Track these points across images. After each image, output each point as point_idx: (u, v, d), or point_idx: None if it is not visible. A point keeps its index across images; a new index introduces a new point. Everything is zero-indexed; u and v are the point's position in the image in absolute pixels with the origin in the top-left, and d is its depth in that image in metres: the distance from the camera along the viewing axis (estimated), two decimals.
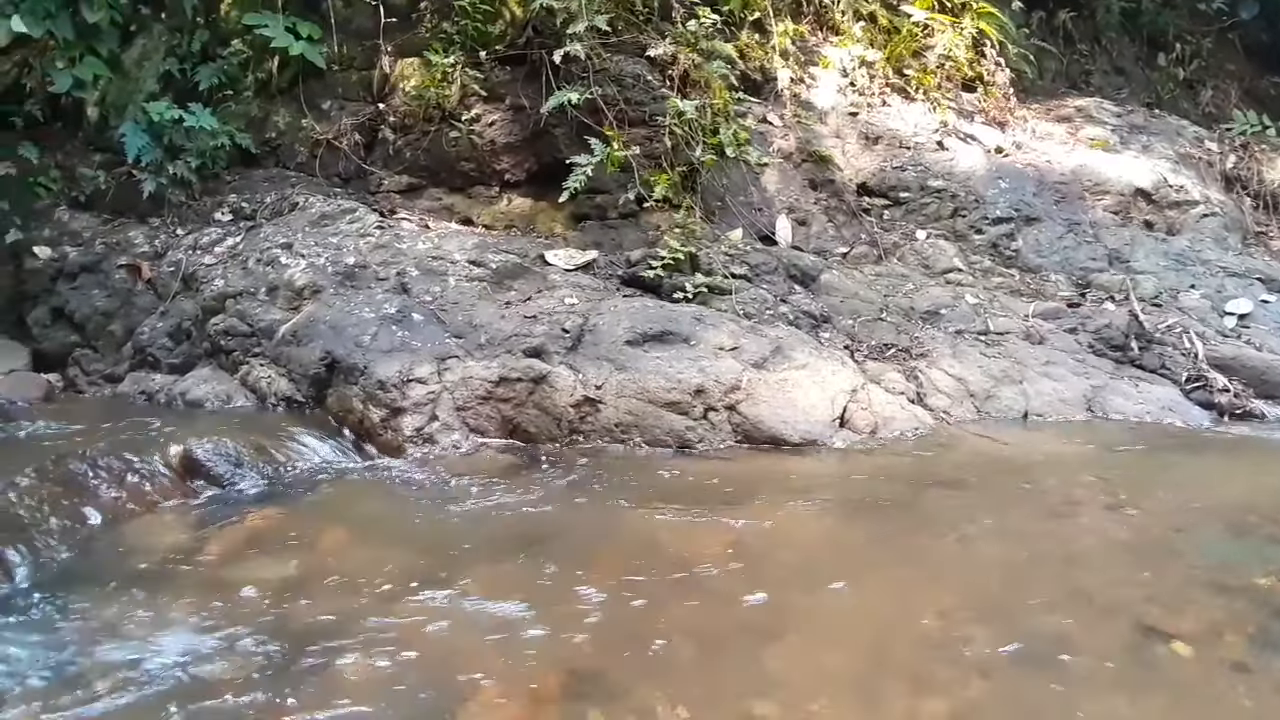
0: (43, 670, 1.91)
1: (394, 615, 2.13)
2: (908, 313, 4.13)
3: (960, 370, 3.83)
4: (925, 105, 5.35)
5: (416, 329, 3.39)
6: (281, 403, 3.43)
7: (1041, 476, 3.23)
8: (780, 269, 4.07)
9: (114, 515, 2.70)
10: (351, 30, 4.81)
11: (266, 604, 2.19)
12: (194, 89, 4.64)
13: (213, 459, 2.89)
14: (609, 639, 2.04)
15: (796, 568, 2.50)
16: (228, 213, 4.31)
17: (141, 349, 3.86)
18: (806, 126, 4.96)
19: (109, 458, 2.88)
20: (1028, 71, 6.25)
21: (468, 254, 3.81)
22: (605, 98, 4.38)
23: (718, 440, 3.22)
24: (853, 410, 3.38)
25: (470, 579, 2.32)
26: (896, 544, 2.64)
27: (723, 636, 2.09)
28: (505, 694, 1.83)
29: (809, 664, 2.00)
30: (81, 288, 4.16)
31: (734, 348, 3.38)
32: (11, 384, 4.03)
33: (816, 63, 5.30)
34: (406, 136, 4.56)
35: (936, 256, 4.65)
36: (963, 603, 2.28)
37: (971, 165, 5.16)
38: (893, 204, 4.90)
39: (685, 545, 2.57)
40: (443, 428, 3.17)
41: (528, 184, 4.57)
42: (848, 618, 2.20)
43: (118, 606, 2.20)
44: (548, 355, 3.30)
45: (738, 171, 4.57)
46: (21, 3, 4.26)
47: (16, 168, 4.57)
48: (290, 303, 3.63)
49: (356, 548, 2.55)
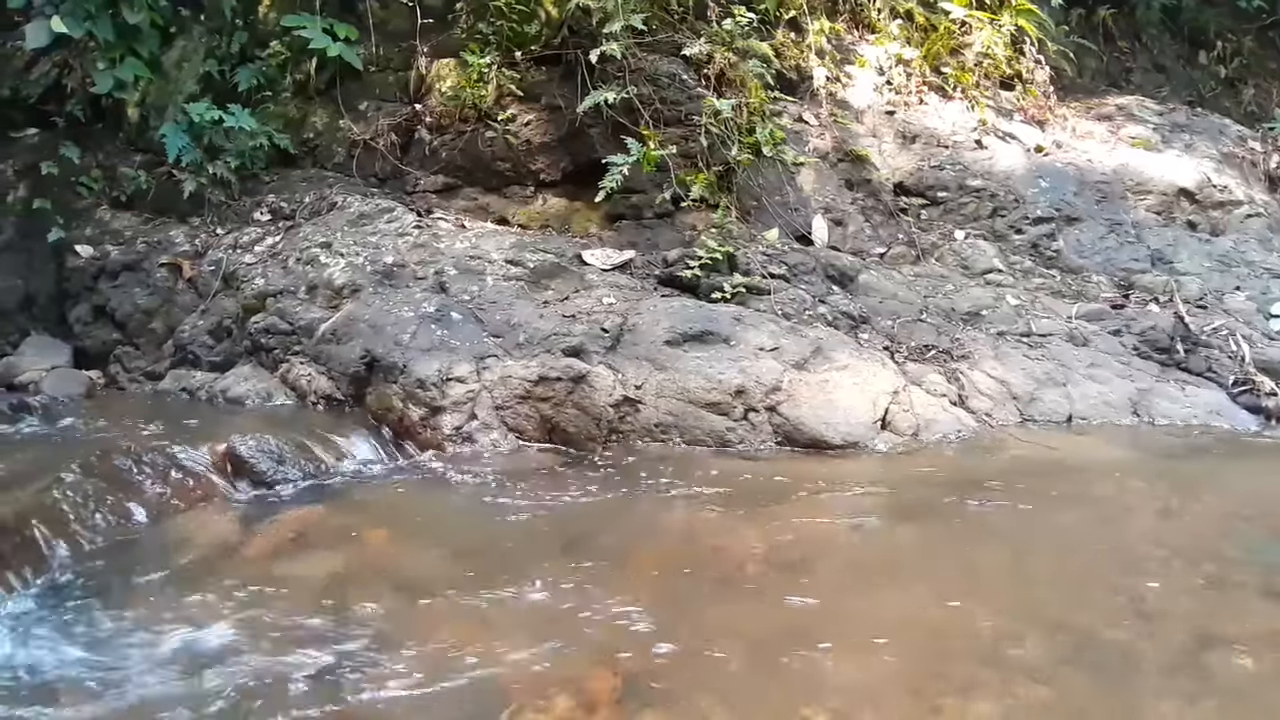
0: (87, 664, 1.91)
1: (440, 614, 2.12)
2: (948, 314, 4.07)
3: (1003, 372, 3.77)
4: (963, 103, 5.28)
5: (455, 328, 3.39)
6: (321, 401, 3.44)
7: (1089, 481, 3.18)
8: (818, 269, 4.03)
9: (158, 511, 2.71)
10: (388, 31, 4.84)
11: (312, 601, 2.18)
12: (233, 90, 4.69)
13: (256, 456, 2.90)
14: (657, 641, 2.01)
15: (843, 571, 2.46)
16: (266, 212, 4.35)
17: (182, 346, 3.90)
18: (843, 125, 4.91)
19: (153, 454, 2.89)
20: (1067, 69, 6.16)
21: (505, 253, 3.81)
22: (641, 97, 4.37)
23: (758, 441, 3.19)
24: (894, 412, 3.33)
25: (514, 578, 2.30)
26: (944, 549, 2.59)
27: (771, 640, 2.05)
28: (556, 696, 1.81)
29: (860, 669, 1.96)
30: (123, 286, 4.21)
31: (774, 348, 3.34)
32: (54, 380, 4.09)
33: (853, 61, 5.25)
34: (442, 137, 4.57)
35: (976, 257, 4.58)
36: (1015, 609, 2.23)
37: (1011, 164, 5.08)
38: (930, 204, 4.84)
39: (729, 546, 2.54)
40: (482, 427, 3.16)
41: (563, 184, 4.56)
42: (898, 623, 2.16)
43: (162, 602, 2.20)
44: (587, 355, 3.28)
45: (773, 171, 4.53)
46: (61, 3, 4.32)
47: (58, 167, 4.63)
48: (329, 301, 3.65)
49: (400, 546, 2.55)
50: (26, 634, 2.02)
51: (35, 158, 4.76)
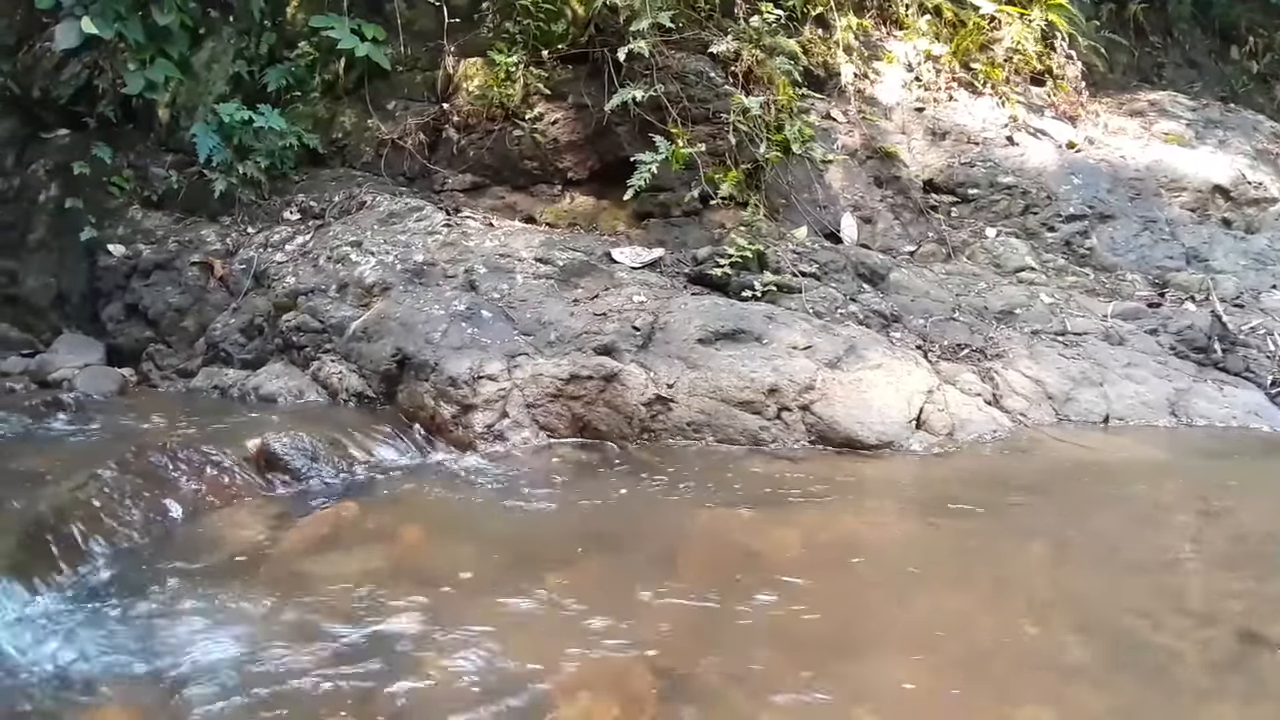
0: (125, 659, 1.92)
1: (476, 613, 2.10)
2: (981, 312, 4.02)
3: (1038, 372, 3.72)
4: (993, 99, 5.22)
5: (486, 326, 3.39)
6: (353, 399, 3.45)
7: (1128, 482, 3.13)
8: (849, 267, 3.99)
9: (194, 507, 2.72)
10: (415, 31, 4.85)
11: (348, 598, 2.18)
12: (262, 90, 4.71)
13: (290, 453, 2.90)
14: (695, 641, 2.00)
15: (881, 571, 2.43)
16: (296, 212, 4.37)
17: (214, 344, 3.92)
18: (871, 122, 4.87)
19: (188, 450, 2.90)
20: (1099, 64, 6.07)
21: (534, 251, 3.80)
22: (668, 95, 4.35)
23: (791, 440, 3.16)
24: (929, 412, 3.29)
25: (549, 576, 2.29)
26: (984, 549, 2.56)
27: (812, 641, 2.03)
28: (597, 696, 1.80)
29: (903, 671, 1.93)
30: (155, 284, 4.24)
31: (807, 347, 3.31)
32: (87, 378, 4.12)
33: (881, 57, 5.21)
34: (470, 136, 4.58)
35: (1008, 255, 4.52)
36: (1058, 610, 2.20)
37: (1043, 161, 5.02)
38: (961, 201, 4.79)
39: (764, 546, 2.52)
40: (513, 425, 3.15)
41: (590, 182, 4.55)
42: (939, 624, 2.13)
43: (199, 598, 2.20)
44: (618, 353, 3.26)
45: (802, 169, 4.49)
46: (91, 4, 4.35)
47: (90, 167, 4.67)
48: (360, 300, 3.66)
49: (435, 543, 2.54)
50: (65, 629, 2.03)
51: (67, 158, 4.80)
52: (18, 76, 5.01)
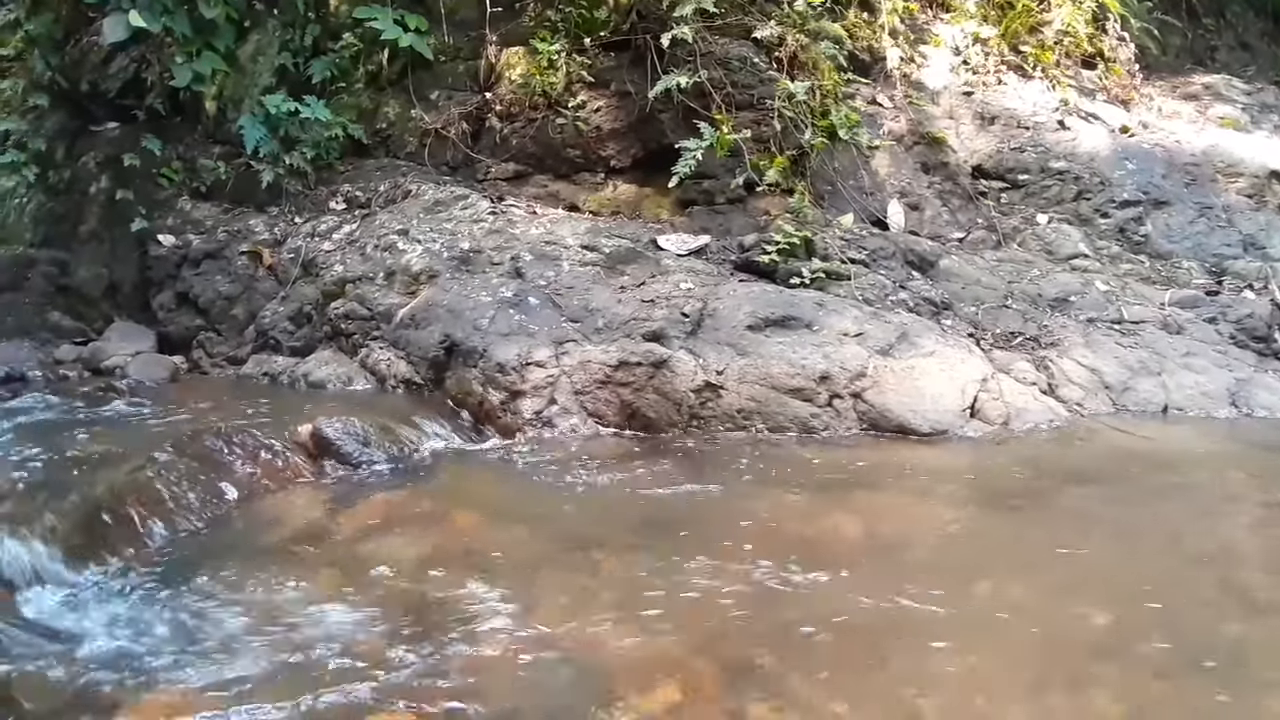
0: (185, 640, 1.93)
1: (533, 597, 2.09)
2: (1034, 300, 3.93)
3: (1094, 361, 3.63)
4: (1044, 83, 5.10)
5: (533, 313, 3.38)
6: (401, 385, 3.47)
7: (1190, 473, 3.05)
8: (897, 254, 3.93)
9: (249, 490, 2.75)
10: (457, 21, 4.85)
11: (403, 582, 2.18)
12: (307, 82, 4.75)
13: (342, 438, 2.92)
14: (756, 629, 1.97)
15: (940, 561, 2.38)
16: (341, 201, 4.40)
17: (264, 332, 3.97)
18: (918, 107, 4.78)
19: (242, 435, 2.93)
20: (1151, 47, 5.90)
21: (580, 239, 3.79)
22: (712, 81, 4.30)
23: (842, 428, 3.12)
24: (983, 400, 3.22)
25: (604, 562, 2.28)
26: (1044, 539, 2.50)
27: (872, 628, 1.99)
28: (659, 683, 1.77)
29: (967, 661, 1.89)
30: (205, 273, 4.30)
31: (858, 334, 3.26)
32: (140, 365, 4.19)
33: (927, 41, 5.11)
34: (513, 124, 4.57)
35: (1060, 242, 4.42)
36: (1123, 601, 2.14)
37: (1095, 146, 4.89)
38: (1011, 187, 4.68)
39: (820, 534, 2.48)
40: (561, 411, 3.14)
41: (633, 170, 4.53)
42: (1002, 614, 2.08)
43: (256, 580, 2.22)
44: (667, 340, 3.24)
45: (847, 155, 4.43)
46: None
47: (140, 159, 4.75)
48: (407, 287, 3.68)
49: (487, 529, 2.54)
50: (123, 609, 2.06)
51: (117, 150, 4.89)
52: (66, 71, 5.10)
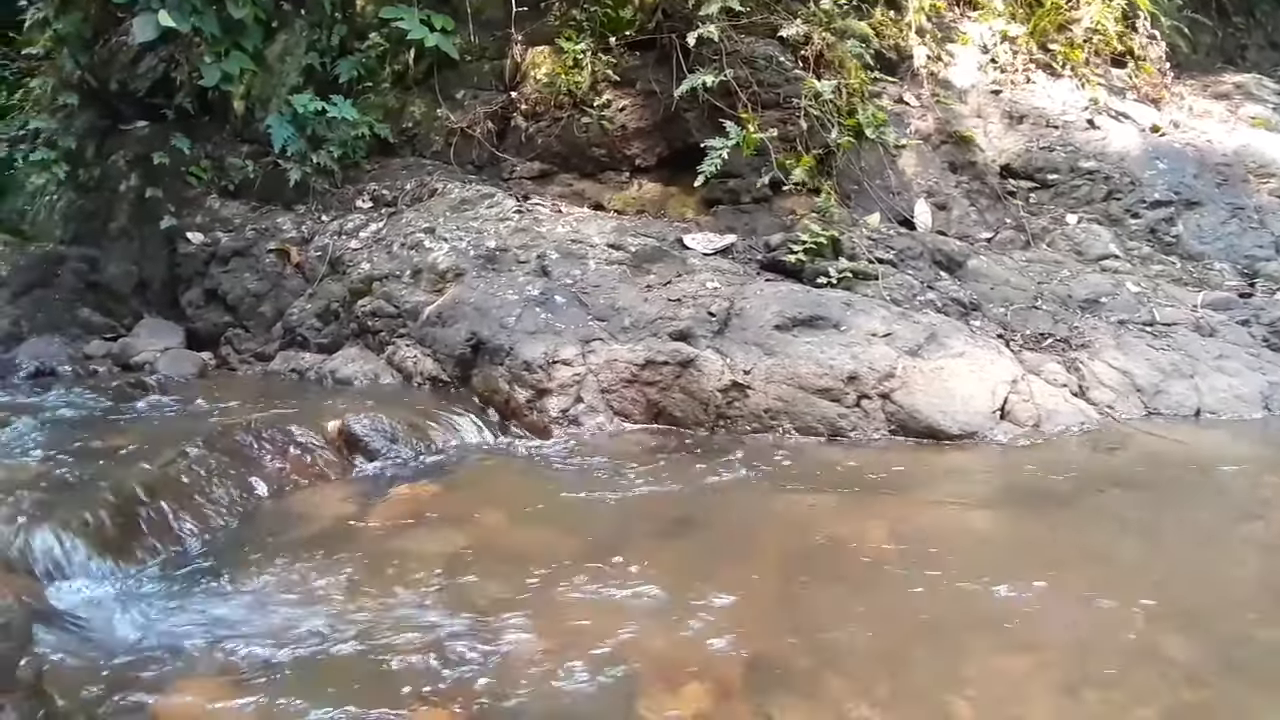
0: (216, 633, 1.93)
1: (561, 594, 2.08)
2: (1064, 301, 3.88)
3: (1125, 363, 3.57)
4: (1073, 82, 5.04)
5: (559, 311, 3.38)
6: (427, 382, 3.48)
7: (1225, 477, 3.00)
8: (925, 254, 3.89)
9: (279, 485, 2.76)
10: (483, 21, 4.87)
11: (434, 577, 2.18)
12: (334, 81, 4.79)
13: (370, 434, 2.93)
14: (783, 629, 1.95)
15: (971, 562, 2.35)
16: (368, 200, 4.43)
17: (291, 329, 3.99)
18: (945, 106, 4.74)
19: (271, 430, 2.94)
20: (1181, 45, 5.82)
21: (606, 237, 3.79)
22: (738, 80, 4.29)
23: (871, 429, 3.09)
24: (1014, 402, 3.18)
25: (631, 561, 2.26)
26: (1078, 542, 2.46)
27: (903, 630, 1.97)
28: (687, 682, 1.76)
29: (999, 664, 1.86)
30: (233, 271, 4.34)
31: (886, 334, 3.23)
32: (168, 361, 4.24)
33: (954, 39, 5.06)
34: (538, 124, 4.58)
35: (1090, 242, 4.36)
36: (1159, 606, 2.10)
37: (1125, 145, 4.83)
38: (1040, 186, 4.63)
39: (848, 535, 2.46)
40: (587, 410, 3.14)
41: (658, 169, 4.52)
42: (1034, 617, 2.05)
43: (286, 575, 2.22)
44: (694, 339, 3.23)
45: (874, 154, 4.40)
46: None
47: (169, 158, 4.80)
48: (434, 285, 3.69)
49: (515, 525, 2.54)
50: (155, 603, 2.07)
51: (146, 149, 4.94)
52: (95, 69, 5.16)
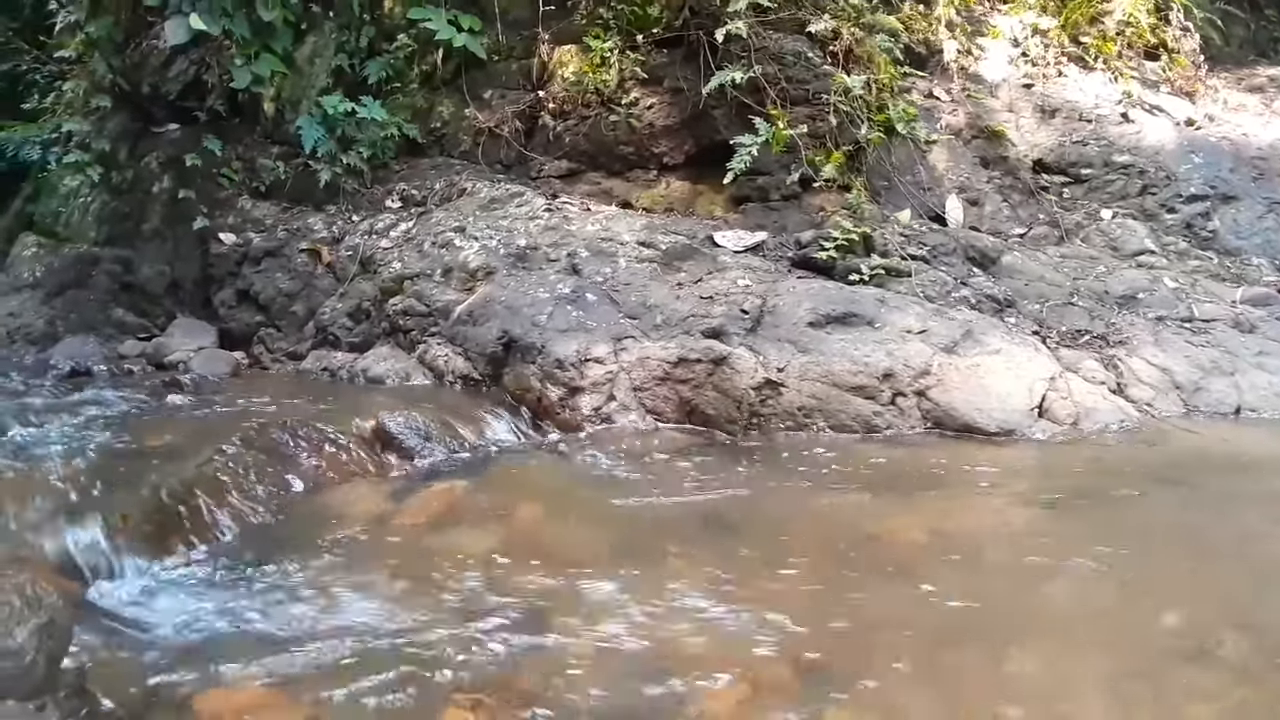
0: (254, 628, 1.95)
1: (602, 594, 2.07)
2: (1101, 297, 3.82)
3: (1164, 360, 3.52)
4: (1105, 75, 4.97)
5: (591, 309, 3.38)
6: (458, 380, 3.49)
7: (1265, 476, 2.94)
8: (958, 250, 3.85)
9: (314, 483, 2.78)
10: (510, 21, 4.87)
11: (472, 575, 2.18)
12: (363, 83, 4.81)
13: (404, 432, 2.95)
14: (829, 630, 1.93)
15: (1013, 561, 2.32)
16: (397, 200, 4.45)
17: (323, 328, 4.02)
18: (976, 100, 4.69)
19: (306, 428, 2.96)
20: (1215, 38, 5.72)
21: (636, 235, 3.79)
22: (766, 76, 4.27)
23: (906, 427, 3.06)
24: (1052, 399, 3.14)
25: (670, 559, 2.26)
26: (1120, 542, 2.42)
27: (948, 631, 1.94)
28: (735, 683, 1.74)
29: (1049, 665, 1.84)
30: (265, 271, 4.38)
31: (922, 331, 3.20)
32: (202, 360, 4.28)
33: (985, 33, 5.01)
34: (565, 122, 4.59)
35: (1125, 237, 4.30)
36: (1207, 606, 2.07)
37: (1160, 139, 4.76)
38: (1073, 181, 4.57)
39: (887, 534, 2.43)
40: (620, 408, 3.14)
41: (686, 167, 4.51)
42: (1078, 616, 2.03)
43: (324, 571, 2.24)
44: (727, 336, 3.21)
45: (904, 150, 4.36)
46: (198, 1, 4.49)
47: (201, 160, 4.84)
48: (464, 284, 3.70)
49: (550, 524, 2.54)
50: (194, 599, 2.09)
51: (178, 151, 4.99)
52: (127, 73, 5.22)
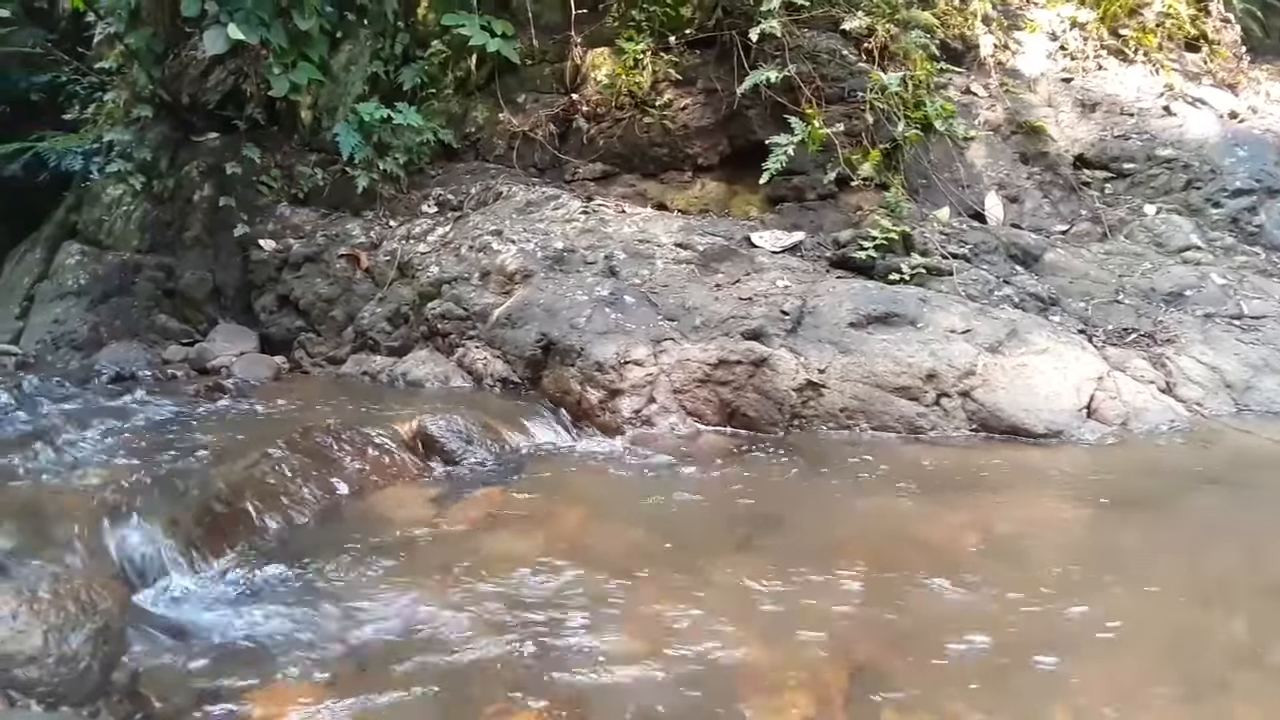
0: (302, 631, 1.95)
1: (651, 596, 2.06)
2: (1147, 294, 3.75)
3: (1214, 358, 3.44)
4: (1146, 68, 4.87)
5: (629, 311, 3.38)
6: (497, 384, 3.50)
7: None
8: (1000, 248, 3.80)
9: (359, 486, 2.78)
10: (542, 25, 4.89)
11: (520, 578, 2.17)
12: (398, 89, 4.86)
13: (446, 435, 2.96)
14: (881, 634, 1.91)
15: (1066, 563, 2.28)
16: (433, 204, 4.49)
17: (362, 332, 4.06)
18: (1015, 95, 4.62)
19: (350, 431, 2.98)
20: (1255, 29, 5.60)
21: (673, 236, 3.78)
22: (801, 75, 4.24)
23: (950, 428, 3.02)
24: (1100, 400, 3.09)
25: (718, 562, 2.24)
26: (1173, 545, 2.38)
27: (1002, 635, 1.91)
28: (788, 688, 1.72)
29: (1103, 668, 1.80)
30: (305, 276, 4.42)
31: (965, 330, 3.16)
32: (244, 365, 4.33)
33: (1021, 27, 4.94)
34: (599, 125, 4.60)
35: (1170, 233, 4.21)
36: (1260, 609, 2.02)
37: (1203, 132, 4.65)
38: (1115, 176, 4.49)
39: (937, 536, 2.40)
40: (660, 410, 3.13)
41: (720, 168, 4.50)
42: (1133, 621, 1.98)
43: (372, 575, 2.23)
44: (767, 338, 3.19)
45: (941, 147, 4.31)
46: (235, 11, 4.56)
47: (240, 168, 4.91)
48: (502, 287, 3.71)
49: (594, 527, 2.53)
50: (243, 601, 2.10)
51: (218, 159, 5.07)
52: (167, 83, 5.30)
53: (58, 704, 1.51)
